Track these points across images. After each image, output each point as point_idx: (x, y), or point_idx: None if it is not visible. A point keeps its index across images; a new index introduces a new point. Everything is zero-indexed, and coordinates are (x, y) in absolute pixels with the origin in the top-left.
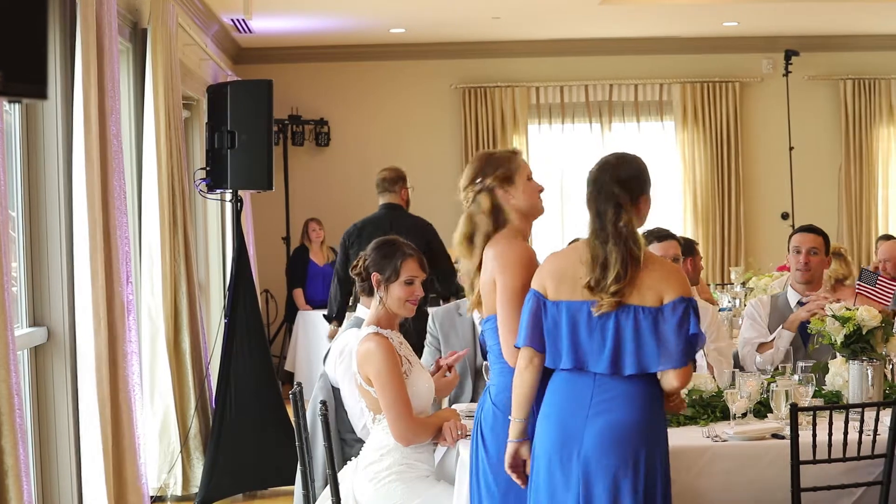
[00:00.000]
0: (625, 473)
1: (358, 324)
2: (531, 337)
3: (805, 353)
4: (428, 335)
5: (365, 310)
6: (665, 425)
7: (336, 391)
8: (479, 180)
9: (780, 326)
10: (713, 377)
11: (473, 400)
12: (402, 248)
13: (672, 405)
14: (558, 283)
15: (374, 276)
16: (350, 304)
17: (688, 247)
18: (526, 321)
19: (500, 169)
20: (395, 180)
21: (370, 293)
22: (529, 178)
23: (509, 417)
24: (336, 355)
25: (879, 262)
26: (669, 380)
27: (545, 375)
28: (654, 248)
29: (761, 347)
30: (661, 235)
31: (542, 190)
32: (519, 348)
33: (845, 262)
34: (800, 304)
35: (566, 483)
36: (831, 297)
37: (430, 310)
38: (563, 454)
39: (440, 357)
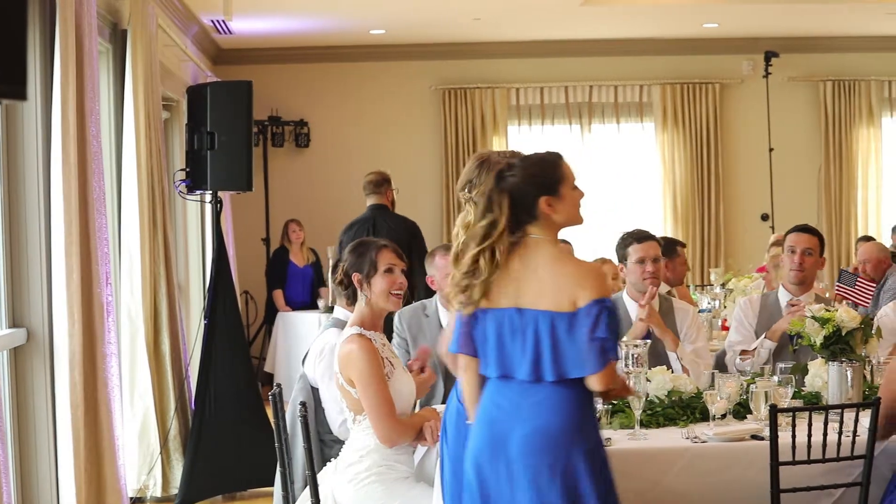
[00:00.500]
0: (550, 478)
1: (336, 324)
2: (462, 343)
3: (788, 354)
4: (395, 336)
5: (342, 310)
6: (595, 427)
7: (315, 392)
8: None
9: (763, 336)
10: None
11: (444, 401)
12: (375, 242)
13: (612, 394)
14: None
15: (355, 277)
16: (329, 305)
17: (667, 248)
18: (457, 327)
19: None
20: (380, 182)
21: (355, 298)
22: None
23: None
24: (315, 355)
25: (859, 263)
26: (591, 384)
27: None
28: (634, 250)
29: (744, 354)
30: (640, 236)
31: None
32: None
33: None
34: (789, 305)
35: (497, 488)
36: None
37: (398, 310)
38: (491, 460)
39: (410, 359)
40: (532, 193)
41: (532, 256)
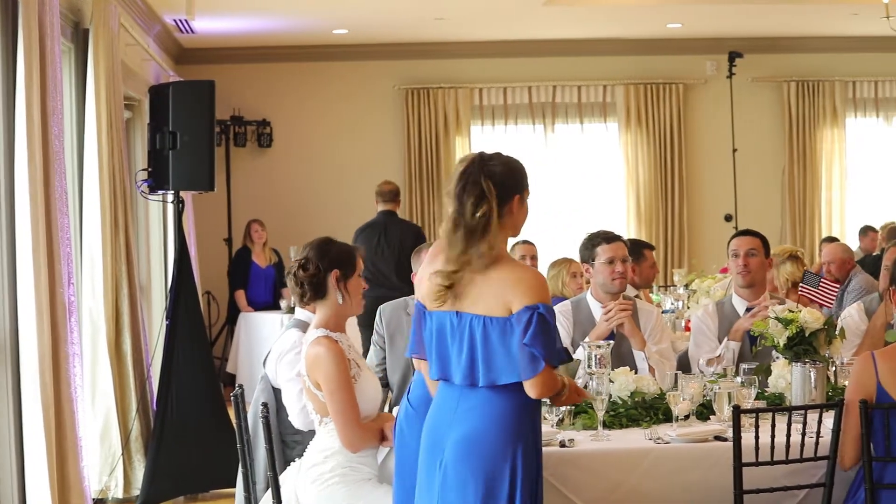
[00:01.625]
0: (478, 483)
1: (298, 325)
2: (415, 347)
3: (750, 354)
4: (374, 333)
5: (305, 311)
6: (533, 434)
7: (277, 392)
8: None
9: (726, 338)
10: (655, 379)
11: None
12: (350, 245)
13: (563, 400)
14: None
15: (335, 273)
16: (291, 306)
17: (634, 250)
18: (413, 331)
19: None
20: (396, 193)
21: (323, 295)
22: None
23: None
24: (276, 357)
25: (823, 263)
26: (527, 389)
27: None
28: (604, 250)
29: (710, 362)
30: (609, 237)
31: None
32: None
33: (801, 265)
34: (747, 310)
35: (430, 490)
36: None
37: (380, 306)
38: (430, 462)
39: (384, 356)
40: (511, 187)
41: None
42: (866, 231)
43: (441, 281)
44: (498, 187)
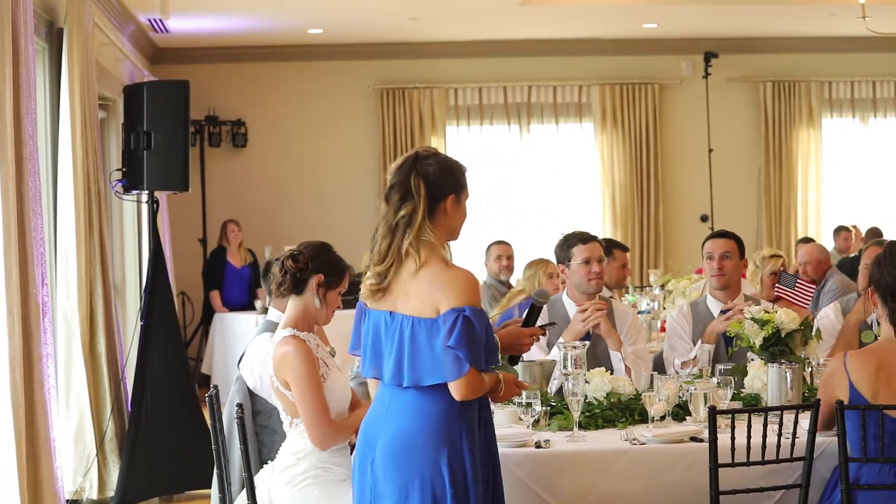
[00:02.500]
0: (405, 485)
1: (269, 328)
2: (355, 344)
3: (726, 356)
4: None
5: (276, 312)
6: (459, 436)
7: (252, 393)
8: None
9: (700, 340)
10: (631, 380)
11: None
12: (343, 260)
13: (501, 396)
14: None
15: (318, 278)
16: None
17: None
18: (354, 329)
19: None
20: None
21: (300, 291)
22: None
23: None
24: (254, 361)
25: (799, 265)
26: (452, 391)
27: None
28: (580, 251)
29: (684, 364)
30: (585, 238)
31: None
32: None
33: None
34: (722, 312)
35: (363, 489)
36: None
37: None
38: (362, 461)
39: None
40: (445, 187)
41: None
42: (839, 231)
43: (370, 279)
44: (430, 186)
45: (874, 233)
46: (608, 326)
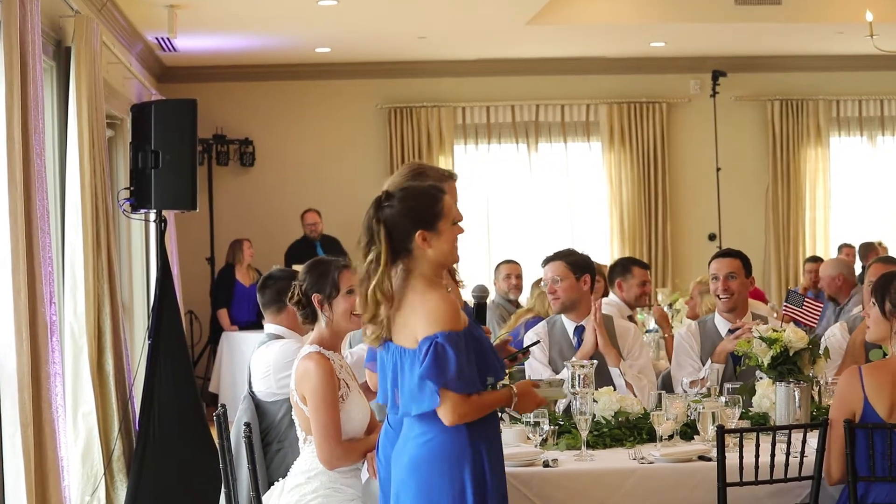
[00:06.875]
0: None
1: (272, 339)
2: (371, 356)
3: (734, 374)
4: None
5: (272, 325)
6: (465, 455)
7: (260, 412)
8: None
9: (710, 360)
10: (635, 395)
11: None
12: (335, 263)
13: (520, 408)
14: None
15: (316, 298)
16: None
17: (622, 266)
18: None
19: None
20: None
21: (314, 318)
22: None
23: None
24: (255, 370)
25: (829, 276)
26: (441, 417)
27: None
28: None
29: (693, 384)
30: (546, 258)
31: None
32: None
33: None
34: (730, 332)
35: None
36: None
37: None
38: (384, 486)
39: None
40: (408, 226)
41: (405, 290)
42: (841, 248)
43: (367, 328)
44: (390, 229)
45: (868, 247)
46: (605, 342)
